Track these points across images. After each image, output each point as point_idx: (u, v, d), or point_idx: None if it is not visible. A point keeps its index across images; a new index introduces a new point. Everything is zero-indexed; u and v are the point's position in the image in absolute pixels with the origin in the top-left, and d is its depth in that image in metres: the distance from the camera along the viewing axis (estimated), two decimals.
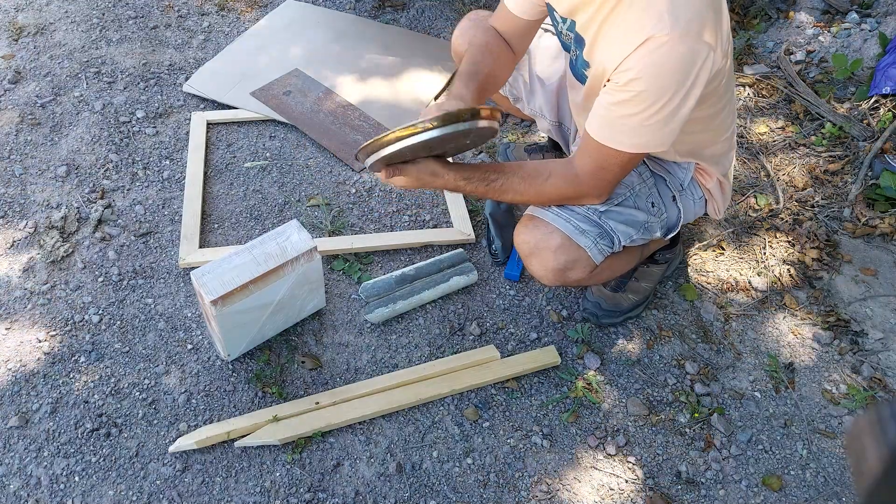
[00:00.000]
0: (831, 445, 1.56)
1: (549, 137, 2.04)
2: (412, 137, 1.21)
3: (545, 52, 1.69)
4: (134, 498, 1.40)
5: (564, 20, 1.33)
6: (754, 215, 2.01)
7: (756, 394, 1.64)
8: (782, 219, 2.00)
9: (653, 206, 1.48)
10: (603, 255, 1.43)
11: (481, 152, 2.14)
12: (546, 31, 1.70)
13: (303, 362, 1.62)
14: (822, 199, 2.06)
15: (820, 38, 2.53)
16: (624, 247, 1.47)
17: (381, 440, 1.51)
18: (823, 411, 1.61)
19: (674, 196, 1.51)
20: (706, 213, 1.61)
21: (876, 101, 2.25)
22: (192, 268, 1.73)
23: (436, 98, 2.32)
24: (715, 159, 1.50)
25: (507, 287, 1.80)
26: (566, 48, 1.40)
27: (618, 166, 1.31)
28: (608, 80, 1.23)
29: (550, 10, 1.40)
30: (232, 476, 1.44)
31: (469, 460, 1.50)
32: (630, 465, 1.51)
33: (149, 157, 2.06)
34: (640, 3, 1.16)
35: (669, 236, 1.55)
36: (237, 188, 2.00)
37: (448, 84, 2.40)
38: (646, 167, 1.49)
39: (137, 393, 1.56)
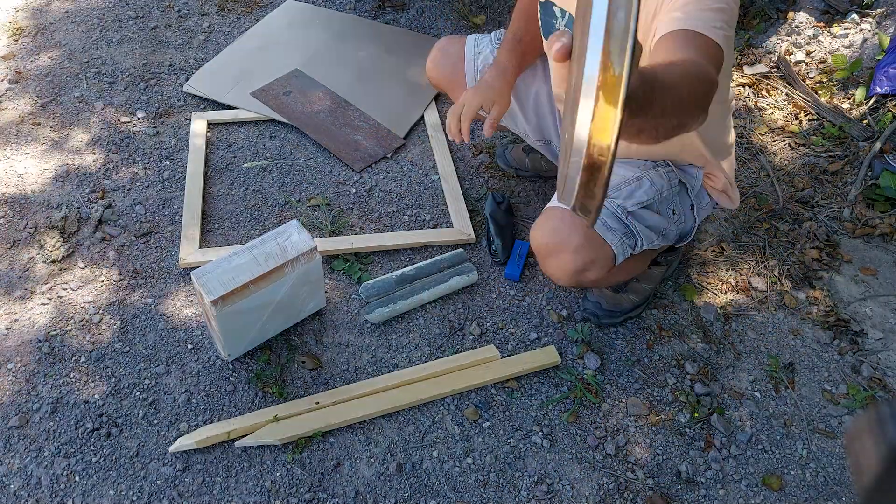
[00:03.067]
0: (831, 445, 1.56)
1: None
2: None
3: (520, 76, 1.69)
4: (134, 498, 1.40)
5: (563, 13, 1.33)
6: (754, 215, 2.01)
7: (756, 394, 1.64)
8: (782, 219, 2.00)
9: (673, 214, 1.49)
10: (625, 256, 1.43)
11: (481, 152, 2.14)
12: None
13: (303, 362, 1.62)
14: (822, 199, 2.06)
15: (820, 38, 2.53)
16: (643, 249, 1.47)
17: (381, 440, 1.51)
18: (823, 411, 1.61)
19: (692, 205, 1.52)
20: (716, 206, 1.63)
21: (876, 101, 2.25)
22: (192, 268, 1.73)
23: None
24: (718, 148, 1.50)
25: (507, 287, 1.80)
26: None
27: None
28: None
29: (548, 7, 1.40)
30: (232, 476, 1.44)
31: (469, 460, 1.50)
32: (630, 465, 1.51)
33: (149, 157, 2.06)
34: None
35: (680, 244, 1.56)
36: (237, 188, 2.00)
37: None
38: (674, 174, 1.50)
39: (137, 393, 1.56)
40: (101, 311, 1.69)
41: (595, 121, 0.69)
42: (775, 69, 2.47)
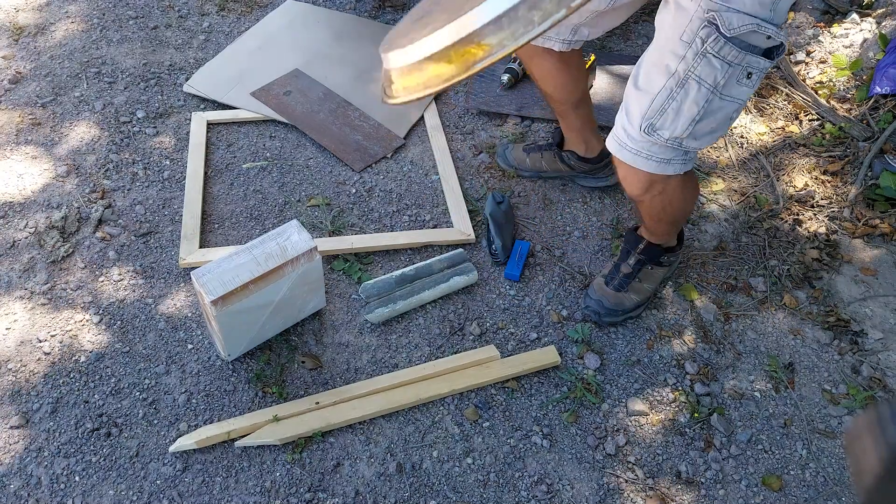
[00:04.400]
0: (831, 445, 1.56)
1: (550, 135, 2.04)
2: None
3: None
4: (134, 498, 1.40)
5: None
6: (754, 215, 2.01)
7: (756, 394, 1.64)
8: (782, 219, 2.00)
9: (748, 77, 1.31)
10: (693, 164, 1.47)
11: (481, 152, 2.14)
12: None
13: (303, 362, 1.62)
14: (822, 199, 2.06)
15: (820, 38, 2.53)
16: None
17: (381, 440, 1.51)
18: (823, 411, 1.61)
19: (768, 35, 1.25)
20: None
21: (876, 101, 2.25)
22: (192, 268, 1.73)
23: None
24: None
25: (507, 287, 1.80)
26: None
27: None
28: None
29: None
30: (232, 476, 1.44)
31: (469, 460, 1.50)
32: (630, 465, 1.51)
33: (149, 157, 2.06)
34: None
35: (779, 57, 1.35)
36: (237, 188, 2.00)
37: None
38: (723, 41, 1.24)
39: (137, 393, 1.56)
40: (101, 311, 1.69)
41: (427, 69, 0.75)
42: (775, 69, 2.47)
